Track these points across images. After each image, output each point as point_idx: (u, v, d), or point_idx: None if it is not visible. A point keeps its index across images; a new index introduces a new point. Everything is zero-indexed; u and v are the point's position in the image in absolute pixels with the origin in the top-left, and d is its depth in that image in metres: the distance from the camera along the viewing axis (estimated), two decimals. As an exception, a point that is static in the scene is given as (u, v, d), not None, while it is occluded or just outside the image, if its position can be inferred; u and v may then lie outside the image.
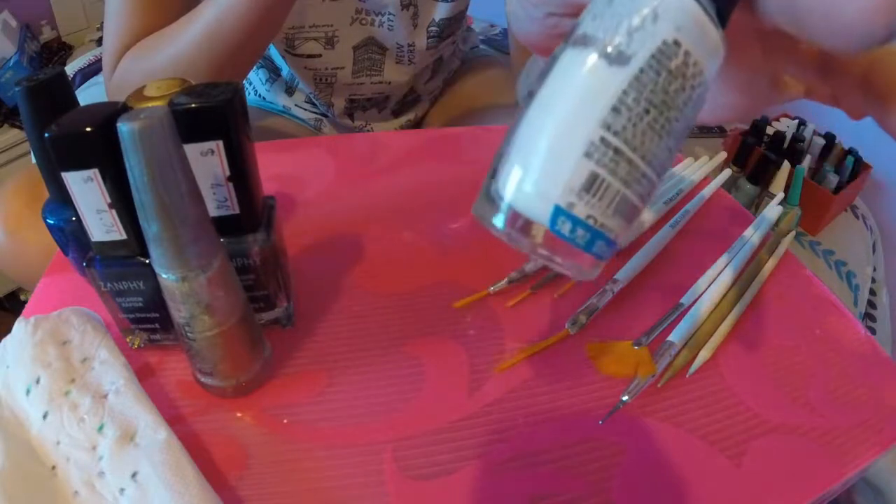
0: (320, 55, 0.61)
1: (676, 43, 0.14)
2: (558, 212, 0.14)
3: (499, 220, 0.14)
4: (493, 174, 0.15)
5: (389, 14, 0.60)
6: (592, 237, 0.14)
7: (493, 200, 0.15)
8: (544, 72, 0.14)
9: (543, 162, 0.14)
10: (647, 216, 0.42)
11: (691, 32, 0.14)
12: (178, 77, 0.27)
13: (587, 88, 0.13)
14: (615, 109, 0.13)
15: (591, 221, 0.14)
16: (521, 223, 0.14)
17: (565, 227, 0.14)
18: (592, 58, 0.13)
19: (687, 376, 0.32)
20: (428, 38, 0.64)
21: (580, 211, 0.14)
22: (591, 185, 0.14)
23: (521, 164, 0.14)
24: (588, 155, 0.13)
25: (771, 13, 0.14)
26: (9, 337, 0.30)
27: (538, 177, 0.14)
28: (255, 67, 0.68)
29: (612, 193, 0.14)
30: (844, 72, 0.16)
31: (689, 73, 0.14)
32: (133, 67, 0.47)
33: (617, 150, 0.14)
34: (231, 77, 0.45)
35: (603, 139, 0.13)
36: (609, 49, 0.13)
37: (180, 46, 0.44)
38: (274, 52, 0.65)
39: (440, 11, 0.63)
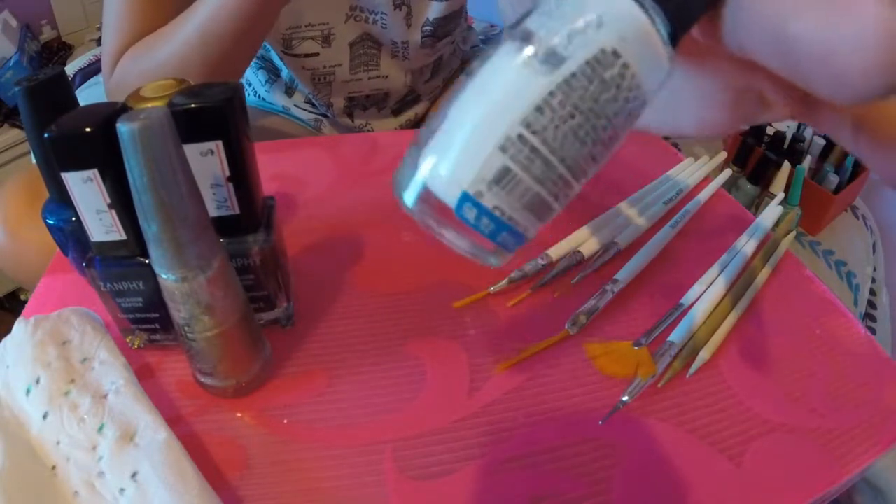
0: (318, 54, 0.61)
1: (615, 53, 0.13)
2: (465, 198, 0.14)
3: (409, 197, 0.15)
4: (418, 146, 0.15)
5: (382, 13, 0.60)
6: (497, 227, 0.14)
7: (410, 174, 0.15)
8: (485, 56, 0.14)
9: (460, 148, 0.14)
10: (646, 218, 0.42)
11: (635, 46, 0.14)
12: (175, 77, 0.27)
13: (515, 83, 0.14)
14: (538, 109, 0.13)
15: (497, 212, 0.14)
16: (430, 203, 0.14)
17: (470, 214, 0.14)
18: (527, 53, 0.13)
19: (687, 376, 0.32)
20: (422, 37, 0.64)
21: (488, 201, 0.14)
22: (502, 178, 0.14)
23: (442, 145, 0.14)
24: (503, 149, 0.14)
25: (754, 51, 0.13)
26: (9, 337, 0.30)
27: (453, 162, 0.14)
28: (254, 69, 0.68)
29: (523, 189, 0.14)
30: (833, 109, 0.15)
31: (625, 86, 0.14)
32: (131, 68, 0.47)
33: (533, 149, 0.14)
34: (226, 76, 0.45)
35: (521, 136, 0.14)
36: (545, 48, 0.13)
37: (175, 46, 0.44)
38: (273, 53, 0.65)
39: (434, 11, 0.63)
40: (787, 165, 0.85)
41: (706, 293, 0.36)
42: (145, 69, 0.46)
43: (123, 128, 0.20)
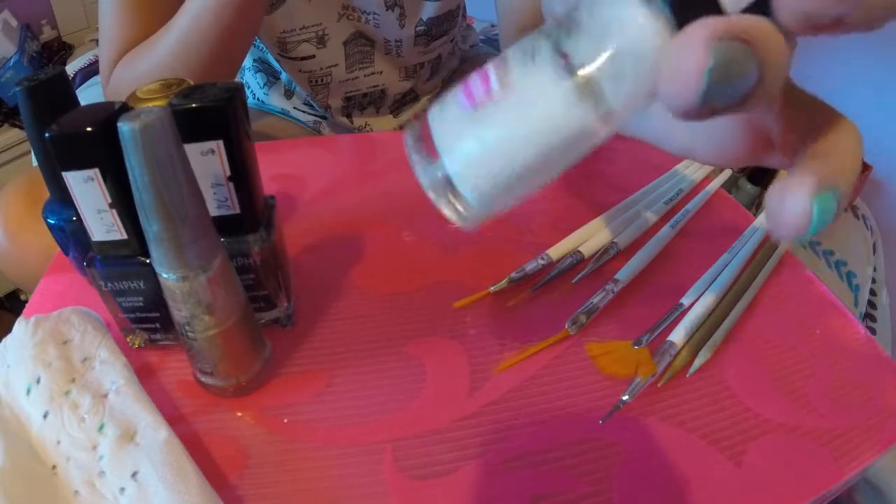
0: (314, 56, 0.61)
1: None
2: (493, 214, 0.17)
3: (431, 179, 0.17)
4: (453, 149, 0.16)
5: (374, 13, 0.60)
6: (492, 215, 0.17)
7: (434, 156, 0.16)
8: (531, 73, 0.15)
9: (505, 184, 0.16)
10: (646, 218, 0.42)
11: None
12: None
13: (569, 143, 0.15)
14: (575, 160, 0.16)
15: (504, 212, 0.17)
16: (451, 191, 0.16)
17: (490, 219, 0.17)
18: (591, 118, 0.14)
19: (687, 376, 0.32)
20: (416, 36, 0.64)
21: (505, 210, 0.17)
22: (523, 201, 0.16)
23: (484, 167, 0.16)
24: (539, 189, 0.16)
25: None
26: (9, 336, 0.30)
27: (493, 197, 0.16)
28: (252, 72, 0.69)
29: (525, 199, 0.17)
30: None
31: None
32: (124, 76, 0.47)
33: (551, 181, 0.16)
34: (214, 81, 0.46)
35: (553, 178, 0.16)
36: (604, 110, 0.14)
37: (160, 54, 0.45)
38: (270, 56, 0.65)
39: (427, 11, 0.63)
40: (787, 165, 0.85)
41: (706, 293, 0.36)
42: (135, 77, 0.46)
43: (124, 127, 0.20)
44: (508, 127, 0.15)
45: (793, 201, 0.15)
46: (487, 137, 0.15)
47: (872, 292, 0.86)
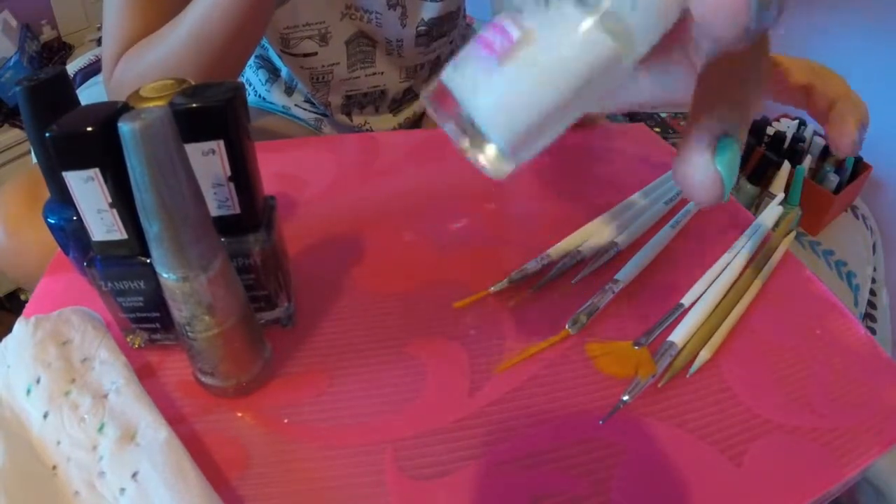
0: (316, 53, 0.61)
1: None
2: (523, 159, 0.16)
3: (461, 133, 0.16)
4: (487, 91, 0.15)
5: (377, 13, 0.60)
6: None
7: (459, 110, 0.16)
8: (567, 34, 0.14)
9: (536, 127, 0.15)
10: (646, 218, 0.42)
11: None
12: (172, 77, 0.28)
13: (594, 77, 0.14)
14: None
15: (533, 157, 0.16)
16: (483, 142, 0.16)
17: (521, 165, 0.16)
18: (613, 49, 0.14)
19: (687, 376, 0.32)
20: (417, 36, 0.65)
21: (535, 154, 0.16)
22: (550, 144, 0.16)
23: (514, 113, 0.15)
24: (565, 129, 0.16)
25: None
26: (9, 336, 0.30)
27: (525, 136, 0.15)
28: (254, 68, 0.69)
29: None
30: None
31: None
32: (129, 71, 0.47)
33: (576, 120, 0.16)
34: (222, 76, 0.45)
35: (578, 117, 0.16)
36: (625, 44, 0.14)
37: (169, 47, 0.44)
38: (272, 52, 0.65)
39: (429, 11, 0.63)
40: (787, 165, 0.86)
41: (706, 293, 0.36)
42: (142, 71, 0.46)
43: (125, 127, 0.20)
44: (536, 70, 0.14)
45: (697, 171, 0.15)
46: (515, 83, 0.15)
47: (872, 292, 0.86)
